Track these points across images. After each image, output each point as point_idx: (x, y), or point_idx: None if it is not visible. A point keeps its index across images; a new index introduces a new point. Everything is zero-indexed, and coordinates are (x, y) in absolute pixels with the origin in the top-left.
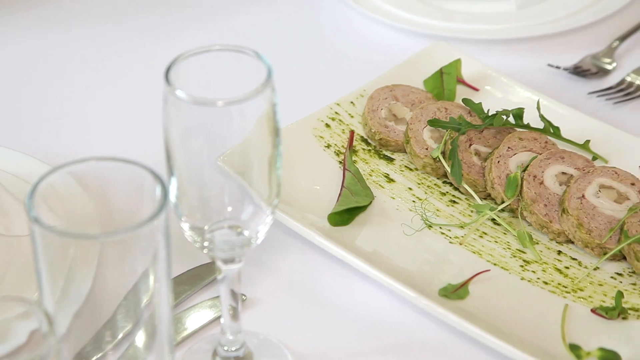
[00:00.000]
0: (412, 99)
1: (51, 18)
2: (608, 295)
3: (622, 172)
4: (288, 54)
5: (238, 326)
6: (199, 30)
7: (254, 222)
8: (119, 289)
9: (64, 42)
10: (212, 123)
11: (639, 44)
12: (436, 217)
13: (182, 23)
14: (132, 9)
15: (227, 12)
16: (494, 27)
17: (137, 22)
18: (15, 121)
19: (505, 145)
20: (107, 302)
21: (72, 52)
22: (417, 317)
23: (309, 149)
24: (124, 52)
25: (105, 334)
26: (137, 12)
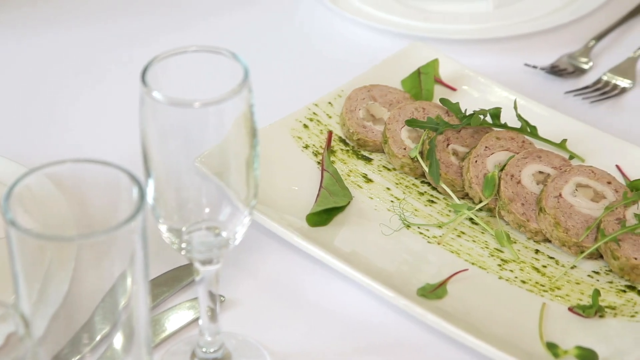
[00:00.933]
0: (390, 99)
1: (29, 21)
2: (585, 294)
3: (599, 171)
4: (266, 54)
5: (216, 327)
6: (177, 32)
7: (231, 223)
8: (97, 291)
9: (40, 45)
10: (189, 124)
11: (615, 44)
12: (414, 217)
13: (161, 25)
14: (110, 12)
15: (206, 13)
16: (471, 27)
17: (115, 24)
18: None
19: (482, 144)
20: (85, 305)
21: (48, 55)
22: (395, 317)
23: (287, 150)
24: (101, 54)
25: (82, 336)
26: (115, 15)
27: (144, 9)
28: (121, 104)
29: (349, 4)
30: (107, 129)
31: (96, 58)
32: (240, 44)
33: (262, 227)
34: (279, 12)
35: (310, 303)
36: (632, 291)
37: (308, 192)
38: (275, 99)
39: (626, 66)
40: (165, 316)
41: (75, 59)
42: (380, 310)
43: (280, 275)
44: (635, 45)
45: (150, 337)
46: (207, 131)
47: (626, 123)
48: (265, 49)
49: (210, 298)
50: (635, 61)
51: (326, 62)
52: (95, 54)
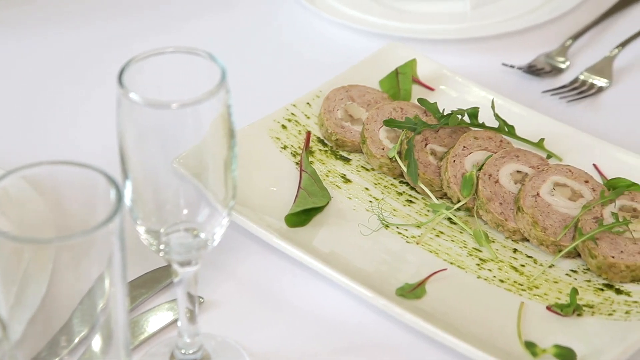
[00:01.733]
0: (368, 99)
1: (3, 25)
2: (563, 292)
3: (576, 170)
4: (244, 55)
5: (195, 329)
6: (156, 34)
7: (210, 224)
8: (74, 294)
9: (16, 48)
10: (167, 125)
11: (592, 43)
12: (393, 217)
13: (139, 27)
14: (87, 14)
15: (185, 14)
16: (449, 27)
17: (93, 27)
18: None
19: (460, 144)
20: (63, 307)
21: (25, 57)
22: (374, 317)
23: (265, 151)
24: (78, 56)
25: (60, 339)
26: (93, 17)
27: (123, 11)
28: (99, 105)
29: (327, 5)
30: (85, 130)
31: (74, 60)
32: (219, 45)
33: (240, 228)
34: (257, 13)
35: (289, 304)
36: (610, 290)
37: (287, 193)
38: (253, 99)
39: (603, 65)
40: (144, 318)
41: (52, 61)
42: (359, 310)
43: (259, 276)
44: (611, 44)
45: (128, 339)
46: (184, 132)
47: (603, 122)
48: (244, 50)
49: (189, 299)
50: (611, 60)
51: (304, 63)
52: (72, 56)
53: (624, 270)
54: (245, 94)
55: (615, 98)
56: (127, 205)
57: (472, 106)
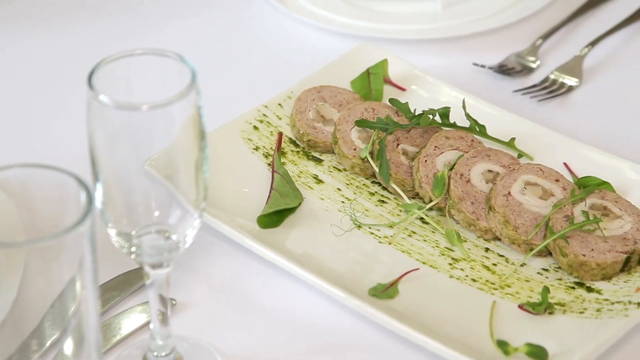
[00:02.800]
0: (340, 100)
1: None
2: (535, 291)
3: (547, 169)
4: (215, 56)
5: (167, 331)
6: (127, 36)
7: (181, 226)
8: (46, 297)
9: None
10: (137, 127)
11: (562, 42)
12: (365, 217)
13: (110, 29)
14: (58, 16)
15: (156, 17)
16: (420, 27)
17: (64, 29)
18: None
19: (432, 144)
20: (34, 311)
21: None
22: (348, 317)
23: (237, 152)
24: (48, 57)
25: (31, 342)
26: (64, 19)
27: (94, 13)
28: (69, 107)
29: (298, 5)
30: (55, 132)
31: (43, 62)
32: (189, 47)
33: (213, 230)
34: (227, 14)
35: (262, 305)
36: (581, 288)
37: (259, 194)
38: (225, 101)
39: (573, 65)
40: (116, 320)
41: (22, 63)
42: (332, 311)
43: (232, 277)
44: (581, 43)
45: (100, 342)
46: (155, 134)
47: (573, 121)
48: (215, 51)
49: (161, 302)
50: (581, 60)
51: (276, 64)
52: (42, 59)
53: (595, 269)
54: (217, 96)
55: (585, 97)
56: (97, 208)
57: (444, 106)
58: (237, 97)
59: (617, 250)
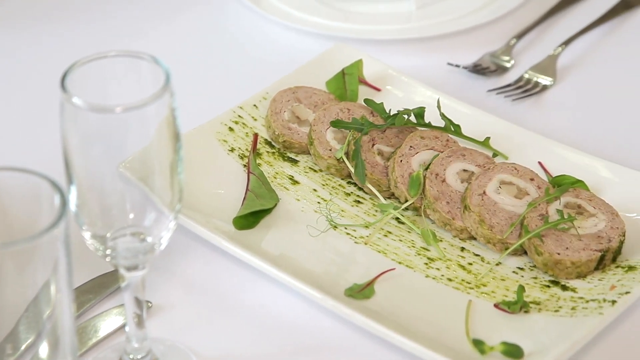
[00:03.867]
0: (315, 101)
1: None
2: (510, 290)
3: (522, 168)
4: (190, 58)
5: (143, 334)
6: (100, 38)
7: (157, 228)
8: (20, 301)
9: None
10: (111, 130)
11: (536, 41)
12: (341, 218)
13: (84, 31)
14: (33, 18)
15: (128, 18)
16: (394, 27)
17: (38, 31)
18: None
19: (407, 144)
20: (8, 315)
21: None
22: (324, 317)
23: (212, 153)
24: (22, 60)
25: (6, 346)
26: (37, 21)
27: (68, 15)
28: (42, 110)
29: (272, 6)
30: (28, 135)
31: (17, 64)
32: (163, 48)
33: (188, 232)
34: (202, 15)
35: (238, 306)
36: (556, 286)
37: (235, 196)
38: (200, 102)
39: (547, 64)
40: (91, 323)
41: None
42: (308, 312)
43: (208, 279)
44: (555, 43)
45: (75, 345)
46: (129, 136)
47: (548, 120)
48: (189, 53)
49: (136, 304)
50: (555, 59)
51: (250, 65)
52: (15, 61)
53: (570, 267)
54: (192, 97)
55: (559, 96)
56: (72, 211)
57: (418, 106)
58: (212, 98)
59: (592, 249)
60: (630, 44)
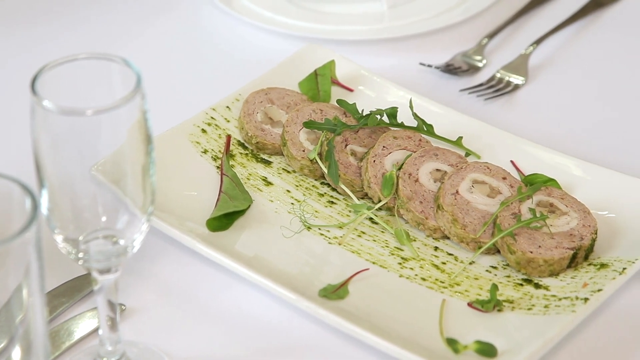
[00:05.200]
0: (288, 102)
1: None
2: (484, 289)
3: (494, 167)
4: (161, 60)
5: (117, 337)
6: (72, 40)
7: (129, 230)
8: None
9: None
10: (82, 133)
11: (507, 41)
12: (315, 219)
13: (55, 33)
14: (2, 20)
15: (99, 20)
16: (366, 28)
17: (8, 33)
18: None
19: (380, 144)
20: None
21: None
22: (299, 319)
23: (185, 155)
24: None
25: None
26: (7, 24)
27: (38, 18)
28: (12, 113)
29: (244, 7)
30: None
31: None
32: (135, 50)
33: (162, 234)
34: (173, 17)
35: (212, 308)
36: (529, 284)
37: (208, 197)
38: (172, 104)
39: (518, 63)
40: (64, 327)
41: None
42: (283, 313)
43: (182, 281)
44: (526, 42)
45: (48, 349)
46: (101, 139)
47: (519, 119)
48: (160, 54)
49: (109, 307)
50: (527, 58)
51: (223, 66)
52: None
53: (542, 265)
54: (164, 99)
55: (531, 95)
56: (43, 214)
57: (391, 106)
58: (185, 100)
59: (564, 247)
60: (601, 42)
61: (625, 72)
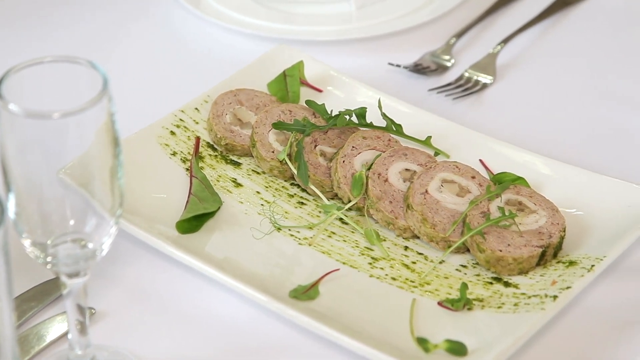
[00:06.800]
0: (257, 103)
1: None
2: (454, 288)
3: (463, 166)
4: (130, 61)
5: (86, 340)
6: (37, 42)
7: (98, 234)
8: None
9: None
10: (49, 136)
11: (475, 40)
12: (285, 220)
13: (19, 38)
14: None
15: (63, 22)
16: (335, 28)
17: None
18: None
19: (349, 144)
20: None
21: None
22: (270, 320)
23: (154, 158)
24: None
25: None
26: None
27: (3, 21)
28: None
29: (212, 8)
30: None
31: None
32: (103, 52)
33: (131, 237)
34: (141, 18)
35: (183, 311)
36: (499, 283)
37: (177, 199)
38: (140, 106)
39: (486, 62)
40: (34, 332)
41: None
42: (254, 314)
43: (152, 284)
44: (494, 41)
45: (17, 354)
46: (68, 142)
47: (488, 118)
48: (128, 56)
49: (78, 311)
50: (494, 57)
51: (192, 68)
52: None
53: (512, 263)
54: (132, 101)
55: (499, 94)
56: (10, 219)
57: (360, 106)
58: (153, 102)
59: (533, 245)
60: (568, 41)
61: (591, 70)
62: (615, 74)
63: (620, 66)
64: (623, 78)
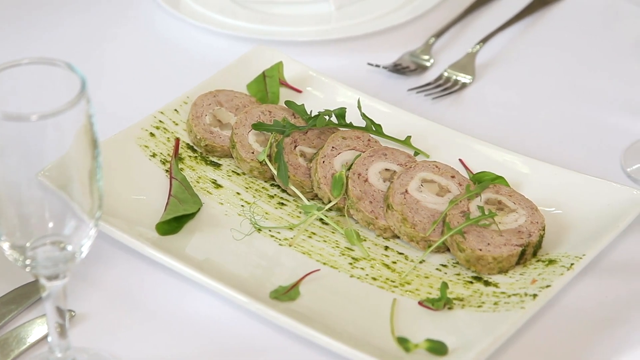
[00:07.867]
0: (236, 104)
1: None
2: (434, 287)
3: (443, 165)
4: (108, 63)
5: (66, 343)
6: (15, 44)
7: (77, 236)
8: None
9: None
10: (27, 138)
11: (454, 40)
12: (265, 220)
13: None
14: None
15: (40, 24)
16: (314, 29)
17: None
18: None
19: (329, 145)
20: None
21: None
22: (250, 321)
23: (134, 159)
24: None
25: None
26: None
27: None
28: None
29: (191, 9)
30: None
31: None
32: (81, 54)
33: (111, 239)
34: (118, 20)
35: (163, 312)
36: (479, 282)
37: (157, 201)
38: (119, 108)
39: (465, 62)
40: (13, 334)
41: None
42: (235, 316)
43: (132, 286)
44: (473, 41)
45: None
46: (46, 144)
47: (467, 117)
48: (107, 58)
49: (58, 314)
50: (473, 57)
51: (171, 69)
52: None
53: (492, 262)
54: (111, 103)
55: (478, 93)
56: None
57: (340, 106)
58: (132, 103)
59: (513, 244)
60: (546, 40)
61: (570, 69)
62: (593, 72)
63: (599, 65)
64: (601, 77)
